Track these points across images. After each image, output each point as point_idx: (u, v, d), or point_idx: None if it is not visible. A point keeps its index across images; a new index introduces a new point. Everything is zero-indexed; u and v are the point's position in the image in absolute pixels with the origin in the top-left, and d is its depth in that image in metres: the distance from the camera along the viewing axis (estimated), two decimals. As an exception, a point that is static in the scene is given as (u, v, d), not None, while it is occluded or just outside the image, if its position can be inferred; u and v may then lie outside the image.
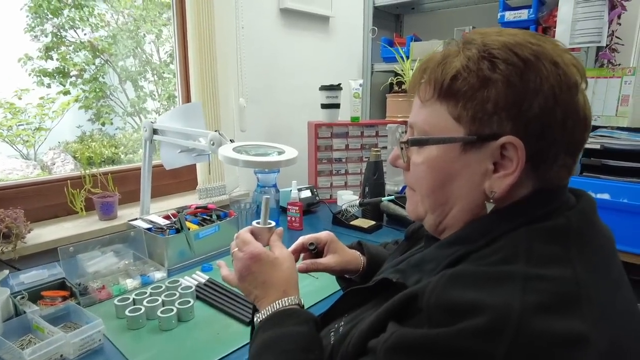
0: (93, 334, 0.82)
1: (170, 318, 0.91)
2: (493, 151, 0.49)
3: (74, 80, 1.79)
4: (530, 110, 0.46)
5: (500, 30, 0.51)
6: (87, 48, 1.79)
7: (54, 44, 1.72)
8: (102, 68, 1.89)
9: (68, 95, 1.80)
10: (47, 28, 1.71)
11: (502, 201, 0.50)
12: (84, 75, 1.82)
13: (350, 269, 0.81)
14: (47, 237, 1.27)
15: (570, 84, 0.47)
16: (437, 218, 0.56)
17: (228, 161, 0.90)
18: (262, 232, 0.74)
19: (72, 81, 1.79)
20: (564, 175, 0.51)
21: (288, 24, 1.94)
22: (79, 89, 1.83)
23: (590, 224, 0.51)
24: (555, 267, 0.44)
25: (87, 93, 1.87)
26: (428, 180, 0.55)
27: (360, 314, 0.58)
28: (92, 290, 1.03)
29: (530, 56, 0.47)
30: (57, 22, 1.73)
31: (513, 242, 0.47)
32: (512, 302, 0.40)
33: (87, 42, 1.78)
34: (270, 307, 0.63)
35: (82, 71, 1.80)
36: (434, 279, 0.45)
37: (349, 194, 1.80)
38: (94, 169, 1.48)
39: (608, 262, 0.50)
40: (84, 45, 1.79)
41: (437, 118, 0.52)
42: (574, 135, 0.49)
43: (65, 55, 1.76)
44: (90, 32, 1.80)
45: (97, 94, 1.92)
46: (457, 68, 0.49)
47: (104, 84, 1.92)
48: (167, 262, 1.18)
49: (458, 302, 0.42)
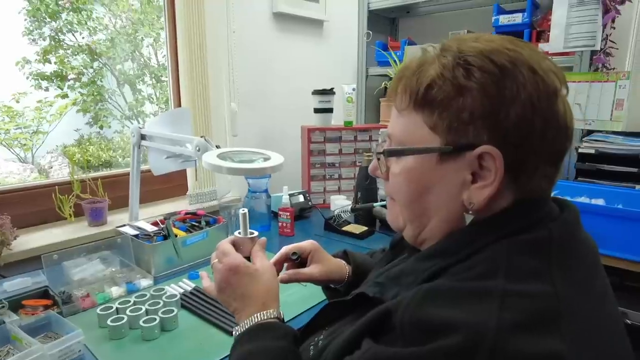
0: (72, 345, 0.81)
1: (153, 327, 0.89)
2: (470, 161, 0.47)
3: (71, 84, 1.79)
4: (508, 119, 0.45)
5: (477, 36, 0.49)
6: (85, 51, 1.79)
7: (52, 47, 1.72)
8: (100, 71, 1.89)
9: (66, 98, 1.80)
10: (45, 31, 1.71)
11: (481, 213, 0.49)
12: (82, 78, 1.82)
13: (335, 278, 0.80)
14: (33, 243, 1.25)
15: (549, 91, 0.46)
16: (415, 229, 0.55)
17: (212, 168, 0.88)
18: (244, 242, 0.72)
19: (70, 84, 1.79)
20: (546, 185, 0.50)
21: (281, 28, 1.93)
22: (77, 92, 1.82)
23: (573, 236, 0.49)
24: (535, 282, 0.42)
25: (85, 96, 1.87)
26: (405, 191, 0.53)
27: (339, 328, 0.57)
28: (76, 298, 1.01)
29: (507, 63, 0.45)
30: (55, 25, 1.73)
31: (492, 256, 0.45)
32: (488, 320, 0.38)
33: (85, 45, 1.78)
34: (248, 321, 0.62)
35: (80, 74, 1.80)
36: (409, 294, 0.44)
37: (342, 199, 1.78)
38: (83, 175, 1.47)
39: (591, 276, 0.48)
40: (82, 49, 1.79)
41: (413, 128, 0.51)
42: (554, 144, 0.47)
43: (63, 59, 1.75)
44: (88, 36, 1.80)
45: (95, 98, 1.91)
46: (432, 76, 0.48)
47: (102, 87, 1.92)
48: (153, 269, 1.16)
49: (431, 320, 0.40)
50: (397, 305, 0.43)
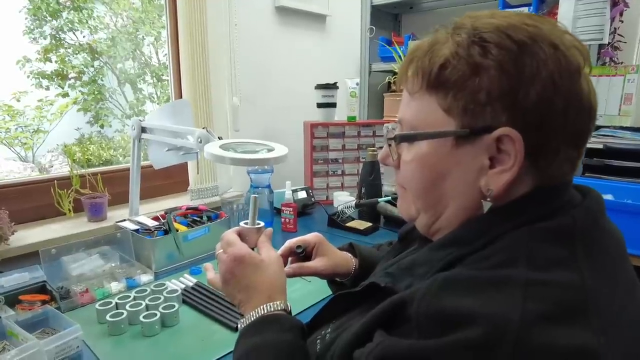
0: (70, 341, 0.78)
1: (154, 323, 0.87)
2: (488, 145, 0.44)
3: (72, 83, 1.79)
4: (527, 99, 0.42)
5: (493, 13, 0.47)
6: (85, 50, 1.78)
7: (52, 46, 1.71)
8: (100, 70, 1.88)
9: (67, 97, 1.79)
10: (45, 30, 1.70)
11: (500, 199, 0.46)
12: (83, 77, 1.81)
13: (341, 272, 0.77)
14: (32, 238, 1.23)
15: (572, 68, 0.43)
16: (430, 218, 0.52)
17: (214, 159, 0.86)
18: (250, 233, 0.70)
19: (70, 83, 1.78)
20: (568, 169, 0.47)
21: (284, 22, 1.91)
22: (77, 91, 1.82)
23: (597, 223, 0.46)
24: (560, 271, 0.39)
25: (85, 95, 1.86)
26: (419, 179, 0.51)
27: (347, 321, 0.54)
28: (74, 293, 0.99)
29: (526, 39, 0.43)
30: (55, 24, 1.72)
31: (513, 244, 0.42)
32: (511, 311, 0.36)
33: (85, 44, 1.77)
34: (254, 313, 0.59)
35: (80, 73, 1.79)
36: (425, 284, 0.41)
37: (345, 195, 1.76)
38: (82, 170, 1.45)
39: (618, 266, 0.45)
40: (83, 48, 1.78)
41: (427, 111, 0.48)
42: (577, 125, 0.44)
43: (64, 58, 1.74)
44: (89, 34, 1.79)
45: (96, 97, 1.91)
46: (445, 55, 0.45)
47: (103, 87, 1.91)
48: (154, 264, 1.14)
49: (450, 311, 0.38)
50: (412, 296, 0.41)
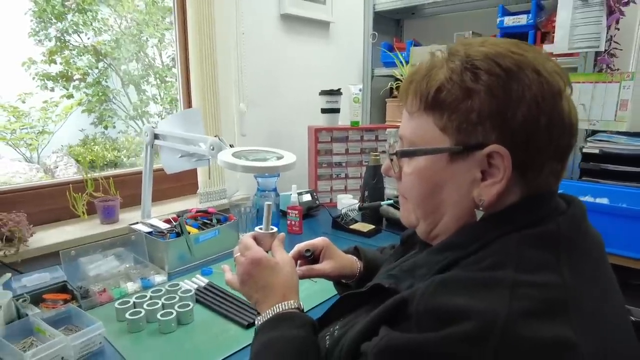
0: (93, 337, 0.84)
1: (170, 321, 0.92)
2: (480, 160, 0.50)
3: (77, 84, 1.81)
4: (514, 119, 0.47)
5: (484, 41, 0.52)
6: (90, 52, 1.81)
7: (57, 48, 1.74)
8: (105, 72, 1.91)
9: (71, 98, 1.81)
10: (50, 32, 1.72)
11: (491, 208, 0.51)
12: (87, 79, 1.84)
13: (347, 274, 0.82)
14: (49, 240, 1.28)
15: (554, 91, 0.48)
16: (428, 226, 0.57)
17: (227, 166, 0.91)
18: (264, 237, 0.76)
19: (75, 85, 1.80)
20: (553, 181, 0.52)
21: (289, 30, 1.96)
22: (82, 92, 1.84)
23: (580, 229, 0.52)
24: (544, 273, 0.45)
25: (90, 97, 1.89)
26: (418, 190, 0.56)
27: (354, 319, 0.59)
28: (93, 293, 1.04)
29: (512, 66, 0.48)
30: (60, 26, 1.74)
31: (503, 248, 0.48)
32: (499, 307, 0.41)
33: (90, 46, 1.80)
34: (270, 311, 0.65)
35: (85, 75, 1.82)
36: (424, 284, 0.46)
37: (348, 197, 1.81)
38: (95, 173, 1.50)
39: (597, 269, 0.51)
40: (87, 50, 1.80)
41: (424, 129, 0.53)
42: (559, 141, 0.50)
43: (68, 59, 1.77)
44: (93, 36, 1.82)
45: (100, 98, 1.93)
46: (441, 80, 0.51)
47: (107, 88, 1.93)
48: (167, 265, 1.19)
49: (446, 308, 0.43)
50: (412, 295, 0.46)
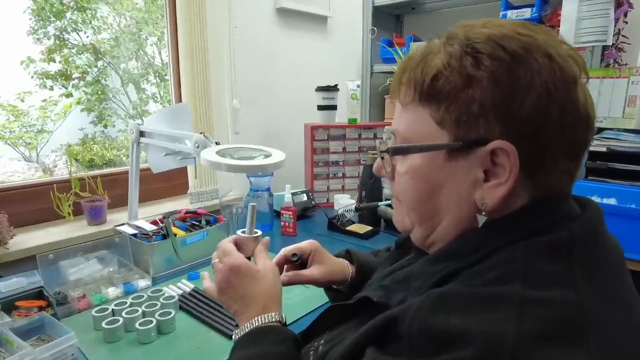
0: (65, 348, 0.78)
1: (149, 330, 0.86)
2: (482, 158, 0.43)
3: (76, 83, 1.79)
4: (522, 110, 0.41)
5: (486, 22, 0.46)
6: (89, 50, 1.78)
7: (56, 46, 1.72)
8: (104, 70, 1.89)
9: (70, 97, 1.79)
10: (49, 31, 1.71)
11: (495, 213, 0.45)
12: (86, 77, 1.81)
13: (337, 279, 0.77)
14: (31, 242, 1.23)
15: (567, 78, 0.42)
16: (424, 231, 0.51)
17: (211, 165, 0.85)
18: (247, 242, 0.69)
19: (74, 84, 1.79)
20: (566, 181, 0.46)
21: (285, 24, 1.90)
22: (81, 91, 1.83)
23: (596, 237, 0.45)
24: (556, 288, 0.38)
25: (89, 95, 1.87)
26: (413, 192, 0.50)
27: (340, 333, 0.53)
28: (72, 299, 0.98)
29: (519, 49, 0.42)
30: (59, 24, 1.73)
31: (508, 259, 0.41)
32: (506, 330, 0.34)
33: (89, 44, 1.77)
34: (249, 324, 0.59)
35: (84, 74, 1.80)
36: (418, 300, 0.40)
37: (346, 197, 1.75)
38: (82, 173, 1.44)
39: (618, 281, 0.44)
40: (86, 48, 1.78)
41: (419, 123, 0.47)
42: (574, 136, 0.43)
43: (67, 58, 1.75)
44: (92, 35, 1.79)
45: (99, 97, 1.92)
46: (437, 67, 0.44)
47: (106, 87, 1.92)
48: (152, 269, 1.13)
49: (443, 329, 0.36)
50: (404, 312, 0.40)
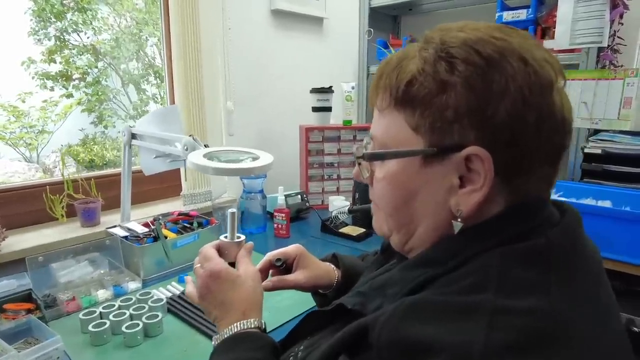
0: (50, 352, 0.78)
1: (136, 333, 0.86)
2: (457, 164, 0.43)
3: (76, 84, 1.79)
4: (496, 115, 0.40)
5: (464, 25, 0.45)
6: (89, 51, 1.79)
7: (57, 47, 1.72)
8: (104, 71, 1.89)
9: (71, 98, 1.80)
10: (50, 31, 1.72)
11: (471, 219, 0.44)
12: (87, 78, 1.82)
13: (323, 284, 0.76)
14: (23, 244, 1.23)
15: (543, 83, 0.41)
16: (402, 237, 0.51)
17: (197, 168, 0.85)
18: (229, 247, 0.69)
19: (74, 84, 1.79)
20: (544, 187, 0.45)
21: (280, 26, 1.89)
22: (81, 92, 1.83)
23: (574, 244, 0.44)
24: (530, 297, 0.37)
25: (89, 96, 1.88)
26: (389, 198, 0.49)
27: (318, 339, 0.53)
28: (61, 302, 0.98)
29: (494, 53, 0.41)
30: (60, 25, 1.73)
31: (483, 267, 0.41)
32: (474, 340, 0.34)
33: (89, 45, 1.77)
34: (227, 330, 0.59)
35: (84, 74, 1.80)
36: (389, 309, 0.40)
37: (340, 199, 1.74)
38: (76, 174, 1.44)
39: (595, 288, 0.43)
40: (87, 49, 1.78)
41: (395, 129, 0.47)
42: (551, 141, 0.43)
43: (68, 59, 1.75)
44: (92, 36, 1.79)
45: (100, 97, 1.93)
46: (412, 72, 0.44)
47: (107, 87, 1.92)
48: (142, 272, 1.13)
49: (411, 340, 0.36)
50: (374, 322, 0.40)
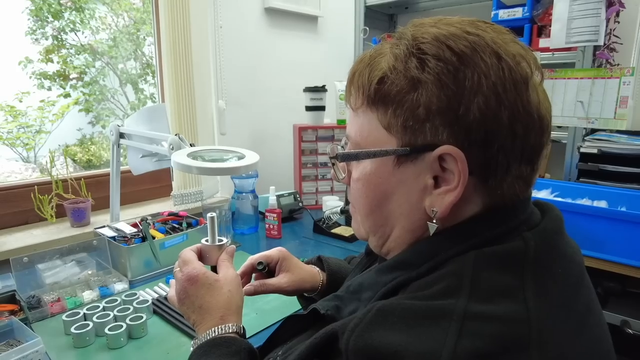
0: (30, 354, 0.76)
1: (119, 335, 0.84)
2: (431, 164, 0.41)
3: (74, 83, 1.78)
4: (469, 113, 0.39)
5: (437, 20, 0.44)
6: (87, 51, 1.78)
7: (54, 46, 1.70)
8: (102, 71, 1.87)
9: (68, 98, 1.78)
10: (47, 31, 1.70)
11: (447, 221, 0.43)
12: (84, 78, 1.81)
13: (306, 288, 0.75)
14: (10, 245, 1.22)
15: (518, 79, 0.40)
16: (378, 240, 0.49)
17: (181, 168, 0.83)
18: (210, 250, 0.68)
19: (72, 84, 1.78)
20: (521, 188, 0.44)
21: (273, 24, 1.88)
22: (79, 91, 1.81)
23: (553, 247, 0.43)
24: (503, 302, 0.36)
25: (87, 96, 1.86)
26: (364, 199, 0.48)
27: (295, 344, 0.52)
28: (45, 303, 0.97)
29: (466, 49, 0.40)
30: (57, 25, 1.71)
31: (457, 270, 0.39)
32: (442, 348, 0.33)
33: (87, 44, 1.77)
34: (204, 335, 0.58)
35: (82, 74, 1.78)
36: (358, 314, 0.38)
37: (334, 199, 1.73)
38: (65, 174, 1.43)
39: (574, 294, 0.42)
40: (85, 48, 1.77)
41: (368, 128, 0.45)
42: (527, 140, 0.41)
43: (65, 58, 1.74)
44: (90, 35, 1.78)
45: (97, 97, 1.91)
46: (383, 69, 0.43)
47: (104, 87, 1.90)
48: (130, 272, 1.12)
49: (377, 348, 0.35)
50: (343, 328, 0.38)
